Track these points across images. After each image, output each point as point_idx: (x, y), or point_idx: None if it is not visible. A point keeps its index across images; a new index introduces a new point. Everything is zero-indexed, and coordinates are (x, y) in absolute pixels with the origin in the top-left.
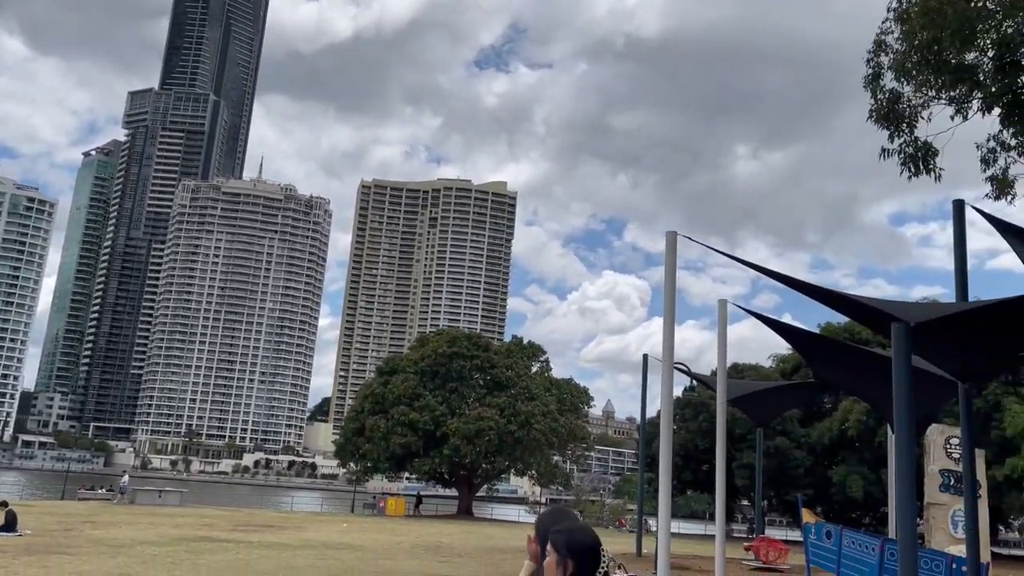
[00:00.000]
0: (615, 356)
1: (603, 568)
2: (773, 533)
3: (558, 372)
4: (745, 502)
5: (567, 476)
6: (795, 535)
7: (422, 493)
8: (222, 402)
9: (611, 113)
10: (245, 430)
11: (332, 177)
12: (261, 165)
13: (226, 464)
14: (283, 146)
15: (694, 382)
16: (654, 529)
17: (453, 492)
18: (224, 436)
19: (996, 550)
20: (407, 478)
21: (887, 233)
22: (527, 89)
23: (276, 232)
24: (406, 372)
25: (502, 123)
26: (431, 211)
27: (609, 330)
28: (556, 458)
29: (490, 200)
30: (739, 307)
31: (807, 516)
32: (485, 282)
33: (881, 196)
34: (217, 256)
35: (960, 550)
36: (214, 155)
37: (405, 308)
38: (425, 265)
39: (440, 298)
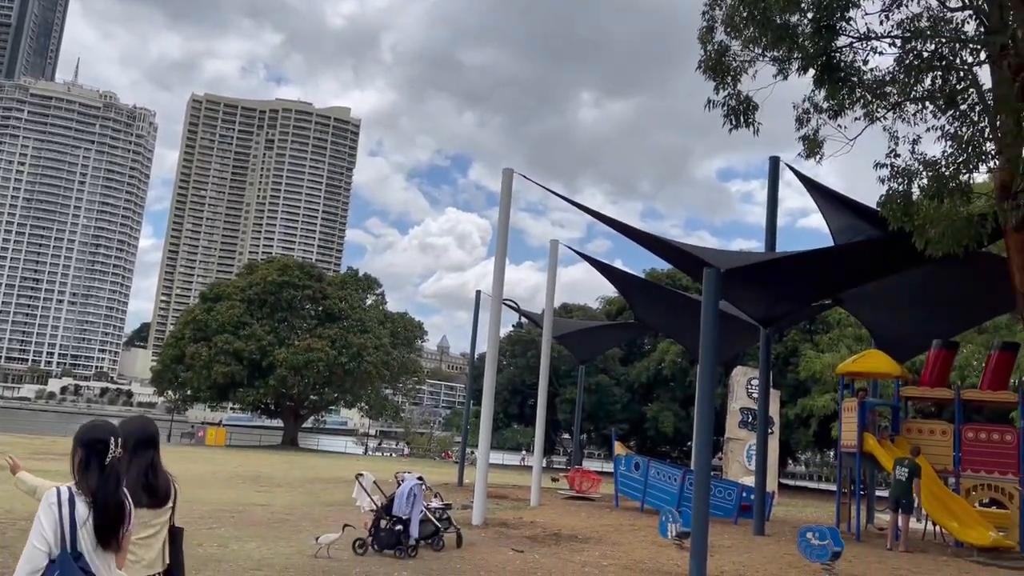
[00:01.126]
0: (453, 293)
1: (111, 455)
2: (590, 465)
3: (396, 306)
4: (566, 435)
5: (397, 409)
6: (610, 467)
7: (239, 423)
8: (25, 323)
9: (461, 48)
10: (52, 354)
11: (160, 88)
12: (77, 68)
13: (28, 389)
14: (104, 50)
15: (524, 319)
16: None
17: (278, 423)
18: (27, 360)
19: (784, 481)
20: (231, 408)
21: (714, 188)
22: (376, 14)
23: (93, 142)
24: (232, 299)
25: (348, 47)
26: (268, 132)
27: (449, 267)
28: (387, 391)
29: (332, 126)
30: (570, 248)
31: (619, 449)
32: (323, 211)
33: (711, 152)
34: (22, 164)
35: (752, 480)
36: (21, 52)
37: (236, 233)
38: (259, 189)
39: (274, 224)
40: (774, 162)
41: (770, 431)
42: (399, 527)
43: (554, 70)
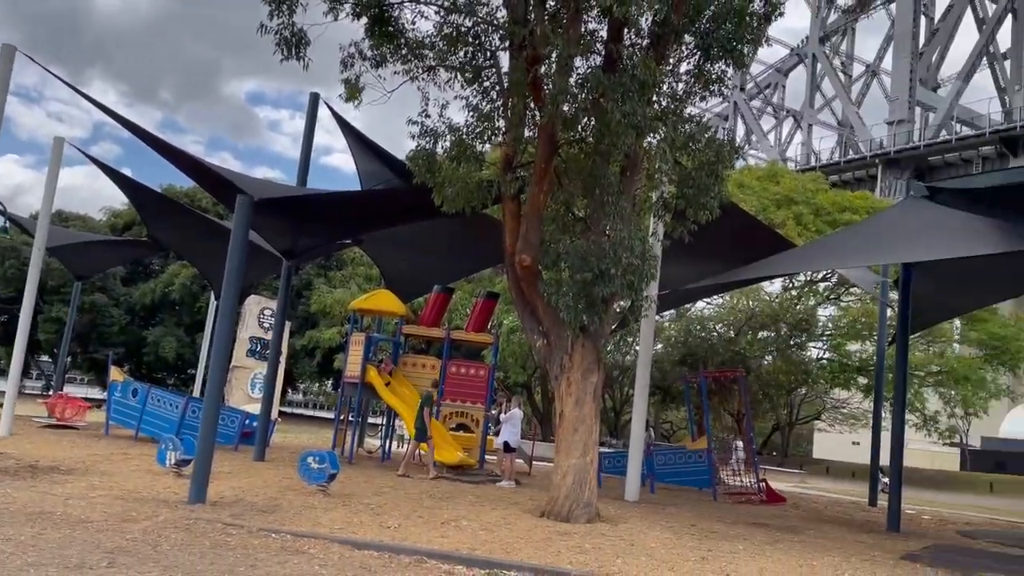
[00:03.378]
0: None
1: None
2: (73, 391)
3: None
4: (45, 358)
5: None
6: (98, 393)
7: None
8: None
9: None
10: None
11: None
12: None
13: None
14: None
15: (7, 224)
16: None
17: None
18: None
19: (283, 409)
20: None
21: (242, 110)
22: None
23: None
24: None
25: None
26: None
27: None
28: None
29: None
30: (80, 151)
31: (115, 375)
32: None
33: (243, 73)
34: None
35: (255, 408)
36: None
37: None
38: None
39: None
40: (314, 98)
41: (279, 361)
42: None
43: None
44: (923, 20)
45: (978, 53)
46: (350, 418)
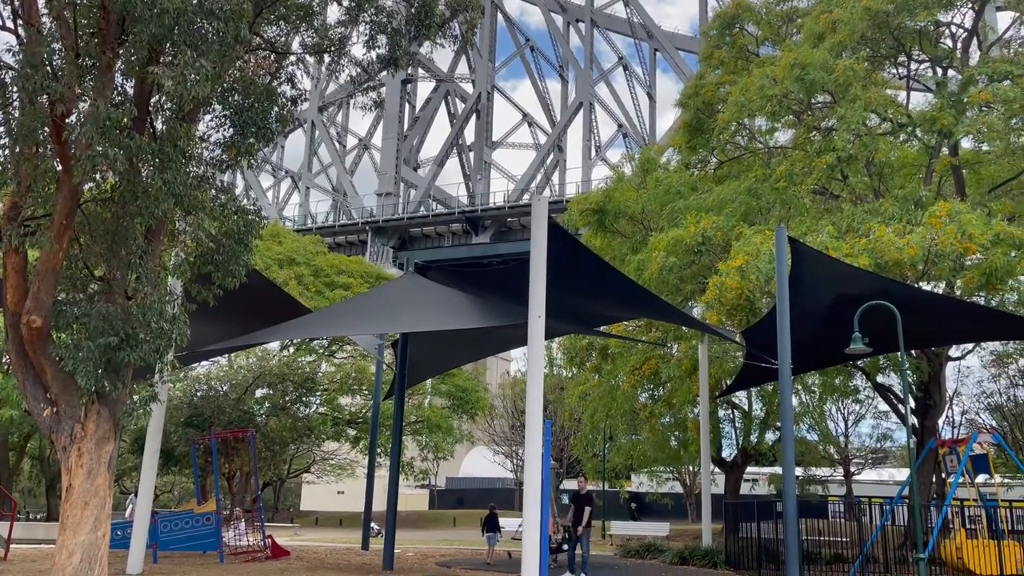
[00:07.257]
0: None
1: None
2: None
3: None
4: None
5: None
6: None
7: None
8: None
9: None
10: None
11: None
12: None
13: None
14: None
15: None
16: None
17: None
18: None
19: None
20: None
21: None
22: None
23: None
24: None
25: None
26: None
27: None
28: None
29: None
30: None
31: None
32: None
33: None
34: None
35: None
36: None
37: None
38: None
39: None
40: None
41: None
42: None
43: None
44: (407, 107)
45: (450, 143)
46: None
